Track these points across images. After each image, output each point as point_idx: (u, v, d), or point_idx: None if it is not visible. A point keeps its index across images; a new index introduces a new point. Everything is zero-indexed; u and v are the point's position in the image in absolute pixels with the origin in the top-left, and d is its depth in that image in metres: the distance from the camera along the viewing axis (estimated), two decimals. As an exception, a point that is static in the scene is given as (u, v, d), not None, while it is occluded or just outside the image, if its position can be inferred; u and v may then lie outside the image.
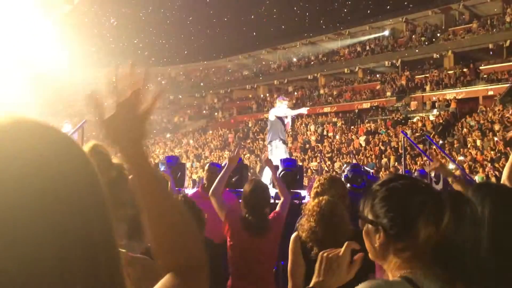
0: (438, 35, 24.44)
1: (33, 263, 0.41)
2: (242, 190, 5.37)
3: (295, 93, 27.97)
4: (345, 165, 5.20)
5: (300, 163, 6.26)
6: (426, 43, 24.38)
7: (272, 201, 5.32)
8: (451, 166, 12.29)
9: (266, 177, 6.82)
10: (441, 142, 16.61)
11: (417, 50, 24.43)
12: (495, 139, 15.68)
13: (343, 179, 4.74)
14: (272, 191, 5.74)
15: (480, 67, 21.27)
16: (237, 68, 32.04)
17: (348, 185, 4.59)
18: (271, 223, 3.28)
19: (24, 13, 16.81)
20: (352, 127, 22.64)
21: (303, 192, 5.49)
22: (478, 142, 16.16)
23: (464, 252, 1.06)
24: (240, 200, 3.86)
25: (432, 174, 7.13)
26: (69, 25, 20.12)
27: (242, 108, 29.81)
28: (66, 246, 0.43)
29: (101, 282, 0.46)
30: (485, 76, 20.70)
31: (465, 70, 21.47)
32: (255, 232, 3.18)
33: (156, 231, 0.85)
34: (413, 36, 25.45)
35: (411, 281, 1.07)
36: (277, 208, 3.49)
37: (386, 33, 26.87)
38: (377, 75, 26.71)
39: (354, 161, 10.18)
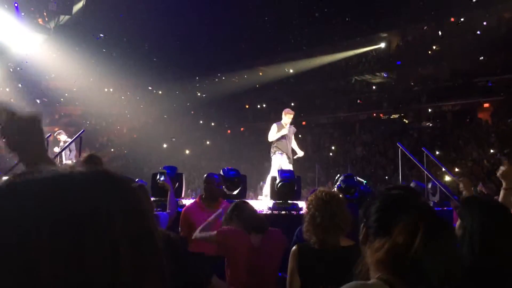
0: (434, 47, 24.63)
1: None
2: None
3: (292, 104, 28.04)
4: (338, 175, 5.22)
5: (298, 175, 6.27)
6: (422, 54, 24.56)
7: (270, 212, 5.32)
8: (447, 178, 12.34)
9: (267, 188, 6.85)
10: (437, 153, 16.67)
11: (413, 62, 24.61)
12: (491, 151, 15.77)
13: (336, 189, 4.76)
14: (270, 202, 5.75)
15: (476, 79, 21.40)
16: (233, 80, 32.09)
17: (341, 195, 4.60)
18: (271, 232, 3.37)
19: (21, 25, 16.91)
20: (349, 138, 22.71)
21: (301, 203, 5.50)
22: (474, 154, 16.24)
23: (429, 270, 1.11)
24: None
25: (429, 186, 7.17)
26: (67, 35, 20.17)
27: (238, 118, 29.84)
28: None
29: None
30: (480, 88, 20.83)
31: (460, 82, 21.62)
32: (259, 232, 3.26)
33: None
34: (409, 48, 25.65)
35: (387, 282, 1.15)
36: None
37: (382, 45, 27.07)
38: (374, 87, 26.86)
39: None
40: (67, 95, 27.87)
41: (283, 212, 5.29)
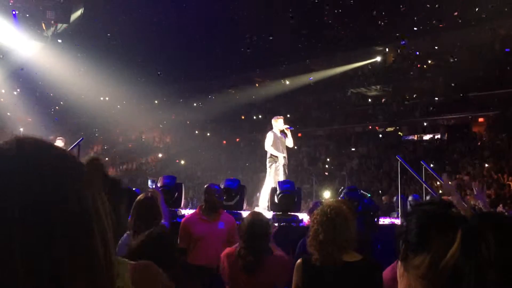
0: (429, 61, 24.86)
1: None
2: (240, 212, 5.34)
3: (288, 115, 28.05)
4: (342, 188, 5.20)
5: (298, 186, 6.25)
6: (417, 69, 24.77)
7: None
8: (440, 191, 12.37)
9: (263, 200, 6.79)
10: (432, 166, 16.70)
11: (408, 76, 24.80)
12: (486, 165, 15.85)
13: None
14: (270, 214, 5.71)
15: (470, 94, 21.56)
16: (229, 91, 32.13)
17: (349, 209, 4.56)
18: (271, 260, 3.11)
19: (19, 33, 16.91)
20: (344, 150, 22.74)
21: (301, 215, 5.47)
22: (469, 168, 16.31)
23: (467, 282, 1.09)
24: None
25: (428, 199, 7.17)
26: (64, 43, 20.17)
27: (234, 129, 29.81)
28: None
29: None
30: (475, 103, 20.99)
31: (455, 96, 21.79)
32: (250, 270, 3.04)
33: None
34: (404, 62, 25.85)
35: None
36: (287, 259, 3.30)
37: (378, 58, 27.26)
38: (369, 100, 26.99)
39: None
40: (62, 103, 27.74)
41: (282, 223, 5.24)
